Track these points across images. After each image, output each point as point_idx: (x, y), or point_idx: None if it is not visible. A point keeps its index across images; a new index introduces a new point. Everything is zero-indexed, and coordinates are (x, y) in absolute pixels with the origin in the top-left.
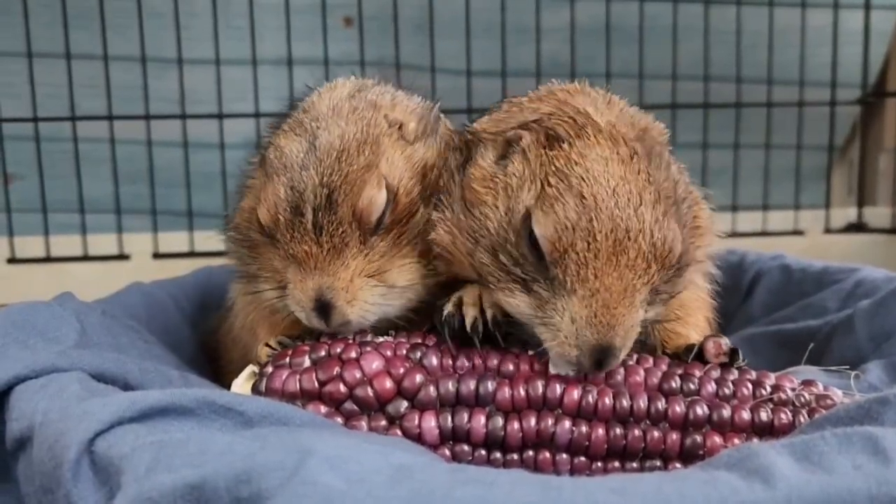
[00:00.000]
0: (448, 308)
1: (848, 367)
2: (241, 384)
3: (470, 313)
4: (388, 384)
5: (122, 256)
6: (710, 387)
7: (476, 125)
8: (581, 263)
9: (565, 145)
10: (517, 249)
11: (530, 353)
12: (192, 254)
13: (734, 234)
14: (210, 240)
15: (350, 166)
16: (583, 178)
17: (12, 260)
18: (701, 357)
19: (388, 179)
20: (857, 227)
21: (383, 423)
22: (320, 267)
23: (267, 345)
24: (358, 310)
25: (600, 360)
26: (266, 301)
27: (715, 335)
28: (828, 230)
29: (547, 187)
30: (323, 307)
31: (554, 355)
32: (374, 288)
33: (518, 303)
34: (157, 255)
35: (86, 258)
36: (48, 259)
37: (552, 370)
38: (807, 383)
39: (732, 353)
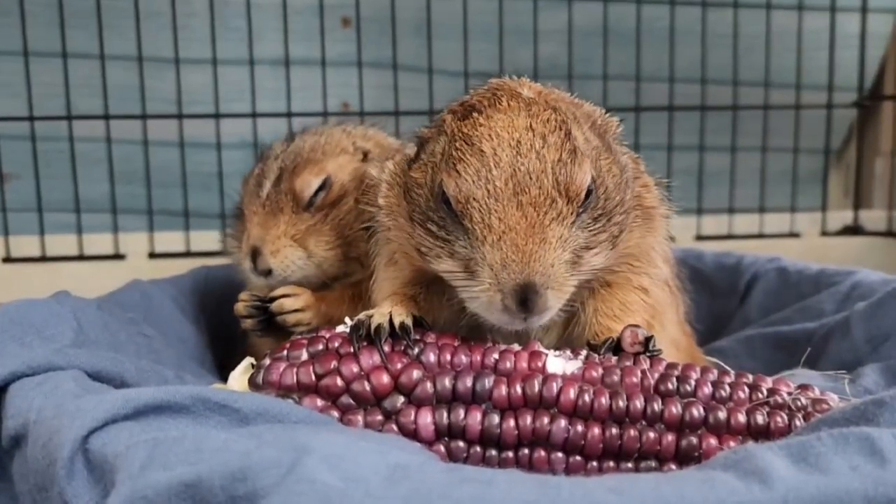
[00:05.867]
0: (359, 317)
1: (845, 371)
2: (238, 377)
3: (376, 320)
4: (386, 379)
5: (117, 256)
6: (707, 389)
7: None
8: (484, 210)
9: (475, 114)
10: (437, 214)
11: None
12: (188, 254)
13: (730, 237)
14: (206, 240)
15: (302, 159)
16: (485, 137)
17: (7, 259)
18: (619, 349)
19: (330, 175)
20: (854, 230)
21: (379, 417)
22: (260, 224)
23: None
24: (278, 261)
25: (524, 300)
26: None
27: (633, 325)
28: (824, 233)
29: (454, 151)
30: (254, 255)
31: (484, 306)
32: (294, 249)
33: (447, 266)
34: (152, 255)
35: (81, 258)
36: (43, 258)
37: (489, 319)
38: (803, 387)
39: (647, 341)
